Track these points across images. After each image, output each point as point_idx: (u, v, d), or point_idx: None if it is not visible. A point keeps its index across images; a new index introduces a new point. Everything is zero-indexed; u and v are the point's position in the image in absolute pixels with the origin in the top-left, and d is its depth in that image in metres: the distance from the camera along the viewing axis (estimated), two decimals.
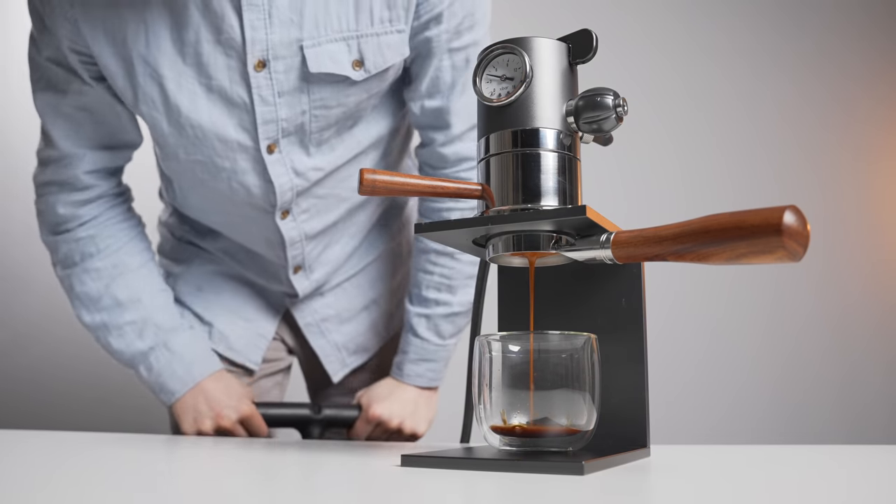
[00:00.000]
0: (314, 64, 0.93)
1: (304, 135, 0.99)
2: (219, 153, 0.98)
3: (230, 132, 0.96)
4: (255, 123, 0.96)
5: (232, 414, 1.05)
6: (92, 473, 0.52)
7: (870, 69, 2.67)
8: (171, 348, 1.06)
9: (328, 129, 1.00)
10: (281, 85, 0.94)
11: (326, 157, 1.03)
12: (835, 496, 0.45)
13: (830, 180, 2.60)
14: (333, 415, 1.11)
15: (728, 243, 0.51)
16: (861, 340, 2.55)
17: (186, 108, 0.94)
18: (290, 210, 1.05)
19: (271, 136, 0.97)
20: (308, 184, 1.04)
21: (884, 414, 2.53)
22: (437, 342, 1.12)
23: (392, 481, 0.49)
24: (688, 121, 2.46)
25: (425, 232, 0.63)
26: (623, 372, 0.66)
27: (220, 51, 0.92)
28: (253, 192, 1.02)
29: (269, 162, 0.99)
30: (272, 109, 0.95)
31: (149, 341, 1.06)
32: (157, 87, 0.93)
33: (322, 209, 1.08)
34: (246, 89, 0.94)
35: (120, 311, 1.06)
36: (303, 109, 0.96)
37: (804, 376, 2.47)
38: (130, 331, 1.06)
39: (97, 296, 1.06)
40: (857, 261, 2.58)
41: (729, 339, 2.41)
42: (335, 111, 0.98)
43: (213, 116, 0.95)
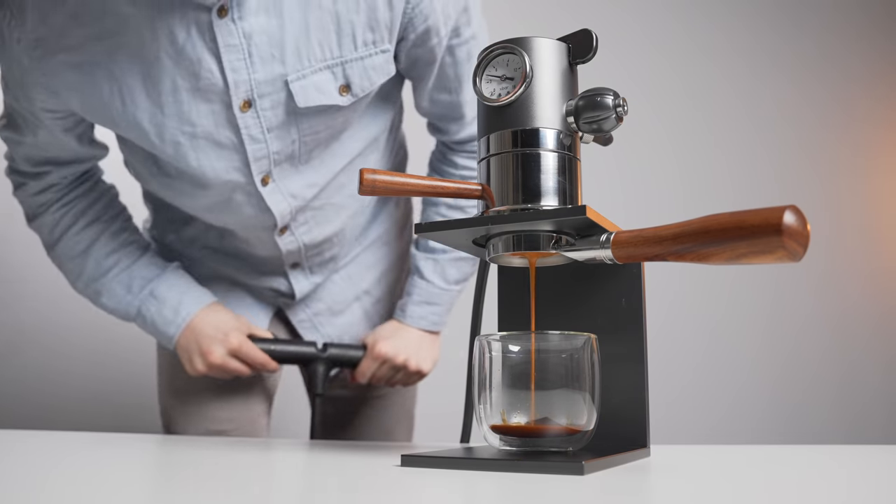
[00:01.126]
0: (301, 98, 0.91)
1: (293, 159, 0.99)
2: (212, 190, 0.98)
3: (221, 174, 0.95)
4: (247, 162, 0.95)
5: (219, 348, 1.04)
6: (91, 473, 0.52)
7: (869, 69, 2.67)
8: (157, 295, 1.06)
9: (316, 149, 1.00)
10: (269, 121, 0.92)
11: (318, 171, 1.02)
12: (835, 496, 0.45)
13: (830, 180, 2.60)
14: (338, 353, 1.11)
15: (728, 243, 0.51)
16: (860, 340, 2.55)
17: (173, 158, 0.93)
18: (289, 226, 1.06)
19: (264, 169, 0.97)
20: (304, 202, 1.04)
21: (883, 414, 2.53)
22: (442, 286, 1.13)
23: (392, 481, 0.49)
24: (687, 121, 2.46)
25: (425, 232, 0.63)
26: (623, 372, 0.66)
27: (201, 97, 0.89)
28: (250, 221, 1.03)
29: (266, 193, 0.99)
30: (263, 146, 0.94)
31: (137, 293, 1.06)
32: (143, 140, 0.92)
33: (321, 220, 1.08)
34: (233, 131, 0.92)
35: (105, 272, 1.06)
36: (293, 139, 0.96)
37: (804, 376, 2.47)
38: (118, 288, 1.06)
39: (81, 264, 1.07)
40: (856, 261, 2.59)
41: (729, 339, 2.41)
42: (323, 134, 0.98)
43: (201, 162, 0.94)
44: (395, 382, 1.16)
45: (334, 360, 1.11)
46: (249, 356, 1.06)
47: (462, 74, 1.03)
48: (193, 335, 1.05)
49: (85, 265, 1.07)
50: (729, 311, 2.42)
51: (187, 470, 0.57)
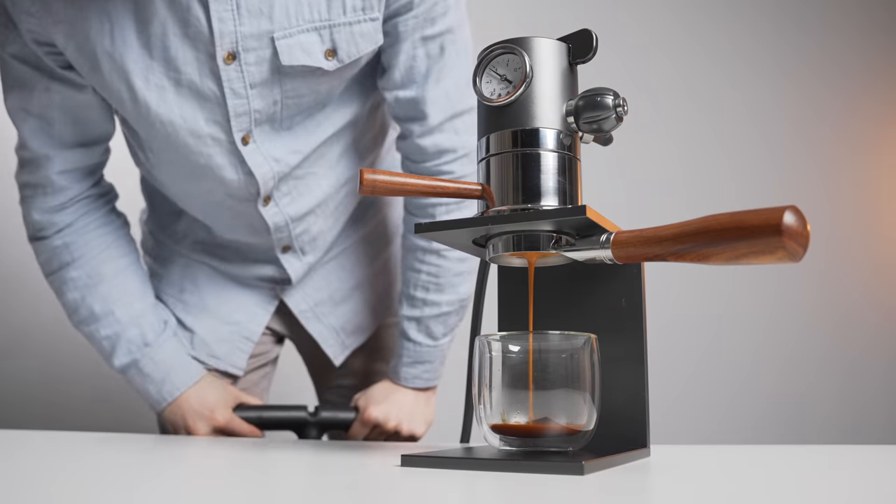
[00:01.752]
0: (286, 56, 0.91)
1: (274, 122, 0.97)
2: (192, 150, 0.96)
3: (201, 126, 0.94)
4: (227, 116, 0.94)
5: (204, 426, 1.05)
6: (91, 473, 0.52)
7: (869, 68, 2.67)
8: (142, 369, 1.05)
9: (298, 115, 0.99)
10: (252, 77, 0.92)
11: (300, 139, 1.01)
12: (835, 496, 0.45)
13: (831, 179, 2.60)
14: (330, 417, 1.10)
15: (728, 243, 0.51)
16: (861, 339, 2.55)
17: (155, 105, 0.92)
18: (272, 196, 1.04)
19: (244, 127, 0.95)
20: (288, 168, 1.02)
21: (884, 413, 2.53)
22: (429, 343, 1.10)
23: (392, 481, 0.49)
24: (687, 120, 2.46)
25: (425, 232, 0.63)
26: (623, 372, 0.66)
27: (189, 44, 0.89)
28: (232, 185, 1.00)
29: (246, 153, 0.97)
30: (244, 102, 0.93)
31: (122, 359, 1.05)
32: (125, 83, 0.91)
33: (303, 190, 1.06)
34: (216, 83, 0.92)
35: (96, 324, 1.05)
36: (275, 100, 0.95)
37: (804, 376, 2.47)
38: (107, 346, 1.06)
39: (75, 306, 1.06)
40: (857, 260, 2.59)
41: (729, 339, 2.41)
42: (307, 99, 0.97)
43: (183, 111, 0.93)
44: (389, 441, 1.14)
45: (326, 423, 1.10)
46: (235, 432, 1.06)
47: (429, 70, 0.98)
48: (180, 410, 1.06)
49: (79, 307, 1.05)
50: (729, 311, 2.42)
51: (187, 470, 0.57)
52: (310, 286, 1.18)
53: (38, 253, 1.07)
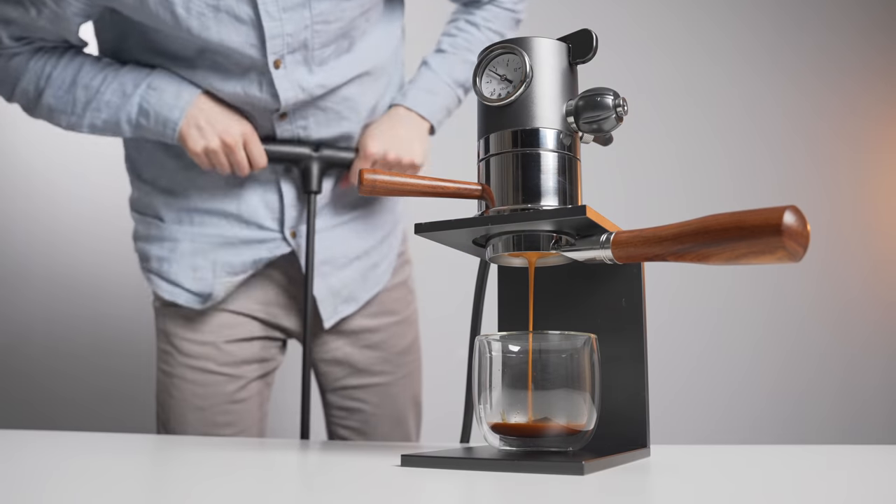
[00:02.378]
0: None
1: (306, 51, 1.06)
2: (230, 69, 1.05)
3: (240, 47, 1.03)
4: (262, 38, 1.03)
5: (236, 130, 1.08)
6: (91, 473, 0.52)
7: (868, 66, 2.67)
8: (155, 86, 1.07)
9: (327, 48, 1.08)
10: (285, 1, 1.01)
11: (329, 75, 1.10)
12: (834, 496, 0.45)
13: (830, 178, 2.60)
14: (331, 154, 1.15)
15: (728, 243, 0.51)
16: (860, 338, 2.55)
17: (197, 30, 1.00)
18: (289, 115, 1.12)
19: (277, 50, 1.04)
20: (311, 98, 1.10)
21: (883, 412, 2.53)
22: (445, 79, 1.20)
23: (392, 481, 0.49)
24: (688, 120, 2.46)
25: (425, 232, 0.63)
26: (623, 372, 0.66)
27: None
28: (259, 103, 1.08)
29: (276, 76, 1.06)
30: (278, 24, 1.02)
31: (132, 91, 1.07)
32: (169, 13, 0.99)
33: (321, 121, 1.14)
34: (252, 7, 1.01)
35: (96, 90, 1.08)
36: (305, 24, 1.04)
37: (804, 375, 2.47)
38: (113, 97, 1.08)
39: (71, 96, 1.08)
40: (856, 259, 2.59)
41: (728, 338, 2.41)
42: (333, 26, 1.06)
43: (221, 34, 1.01)
44: None
45: (327, 159, 1.14)
46: (256, 150, 1.10)
47: None
48: (203, 114, 1.08)
49: (75, 94, 1.08)
50: (728, 311, 2.42)
51: (187, 470, 0.57)
52: (319, 244, 1.20)
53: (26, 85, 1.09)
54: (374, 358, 1.26)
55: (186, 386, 1.17)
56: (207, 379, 1.17)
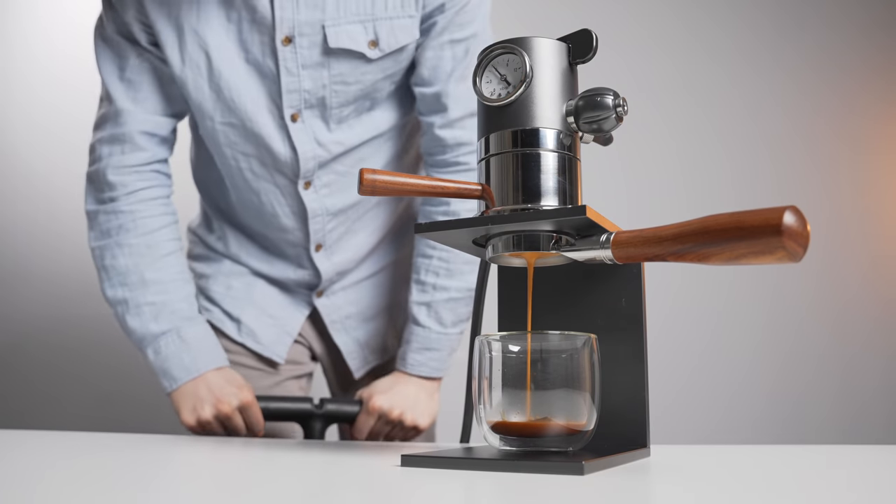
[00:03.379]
0: (333, 40, 1.05)
1: (324, 109, 1.09)
2: (250, 117, 1.08)
3: (261, 98, 1.08)
4: (280, 92, 1.07)
5: (233, 400, 1.06)
6: (92, 473, 0.52)
7: (868, 65, 2.67)
8: (183, 337, 1.09)
9: (347, 107, 1.10)
10: (304, 59, 1.05)
11: (346, 133, 1.12)
12: (835, 496, 0.45)
13: (830, 177, 2.60)
14: (335, 409, 1.11)
15: (728, 244, 0.51)
16: (860, 336, 2.55)
17: (227, 73, 1.06)
18: (312, 182, 1.13)
19: (294, 104, 1.08)
20: (329, 156, 1.12)
21: (883, 412, 2.53)
22: (438, 330, 1.14)
23: (392, 481, 0.49)
24: (688, 120, 2.46)
25: (425, 232, 0.63)
26: (623, 372, 0.66)
27: (255, 28, 1.05)
28: (279, 157, 1.10)
29: (293, 130, 1.09)
30: (296, 80, 1.06)
31: (163, 325, 1.08)
32: (203, 54, 1.06)
33: (343, 187, 1.15)
34: (274, 62, 1.06)
35: (143, 290, 1.09)
36: (323, 83, 1.07)
37: (804, 375, 2.47)
38: (148, 311, 1.09)
39: (124, 271, 1.09)
40: (855, 258, 2.58)
41: (728, 338, 2.41)
42: (353, 88, 1.09)
43: (247, 83, 1.07)
44: (393, 438, 1.16)
45: (331, 415, 1.11)
46: (253, 417, 1.08)
47: (453, 69, 1.10)
48: (204, 384, 1.07)
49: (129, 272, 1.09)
50: (728, 311, 2.42)
51: (188, 470, 0.57)
52: (343, 299, 1.23)
53: (99, 217, 1.11)
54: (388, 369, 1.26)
55: None
56: (244, 373, 1.18)
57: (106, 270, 1.10)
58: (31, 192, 1.89)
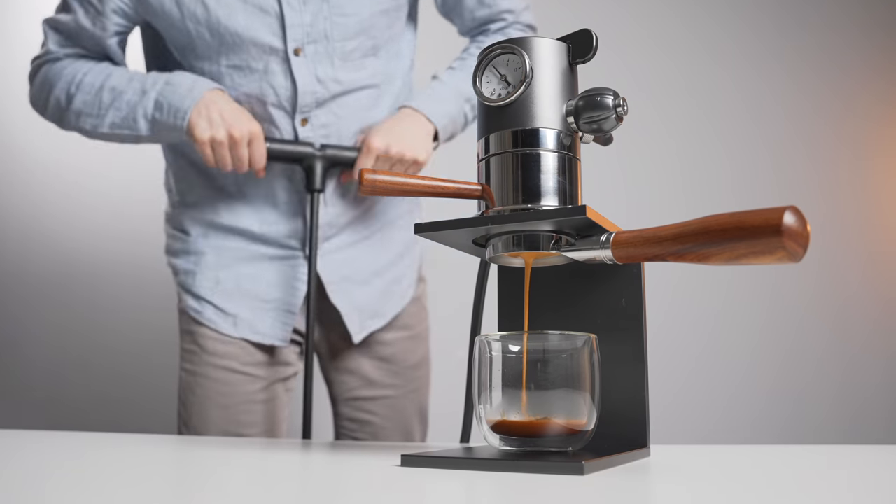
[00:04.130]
0: None
1: (328, 43, 1.13)
2: (254, 56, 1.11)
3: (263, 36, 1.10)
4: (283, 27, 1.10)
5: (244, 126, 1.09)
6: (92, 473, 0.52)
7: (869, 65, 2.67)
8: (172, 81, 1.12)
9: (349, 41, 1.14)
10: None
11: (349, 73, 1.16)
12: (835, 496, 0.45)
13: (830, 177, 2.60)
14: (335, 152, 1.15)
15: (728, 244, 0.51)
16: (859, 336, 2.55)
17: (226, 19, 1.09)
18: (309, 119, 1.15)
19: (298, 38, 1.11)
20: (328, 94, 1.15)
21: (883, 412, 2.53)
22: (453, 90, 1.21)
23: (392, 481, 0.49)
24: (688, 120, 2.46)
25: (425, 232, 0.63)
26: (623, 372, 0.66)
27: None
28: (279, 91, 1.13)
29: (295, 64, 1.12)
30: (298, 14, 1.10)
31: (150, 87, 1.12)
32: (201, 4, 1.09)
33: (340, 129, 1.17)
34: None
35: (120, 92, 1.13)
36: (324, 15, 1.11)
37: (804, 375, 2.47)
38: (134, 93, 1.12)
39: (96, 99, 1.13)
40: (855, 258, 2.58)
41: (728, 338, 2.41)
42: (352, 20, 1.13)
43: (248, 23, 1.10)
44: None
45: (331, 158, 1.15)
46: (258, 151, 1.11)
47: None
48: (216, 107, 1.10)
49: (101, 97, 1.13)
50: (728, 311, 2.42)
51: (187, 470, 0.57)
52: (340, 260, 1.22)
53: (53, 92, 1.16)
54: (385, 370, 1.27)
55: (210, 384, 1.18)
56: (230, 378, 1.18)
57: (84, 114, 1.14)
58: (30, 191, 1.89)
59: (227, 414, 1.17)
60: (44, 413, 1.82)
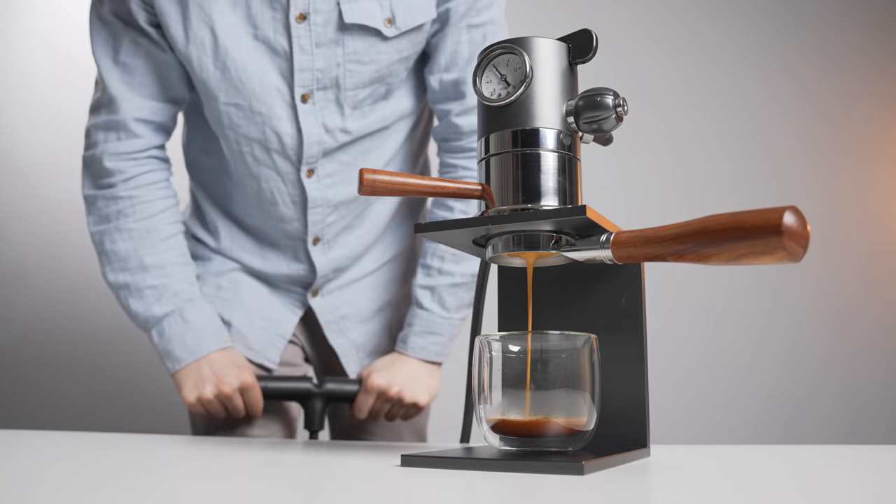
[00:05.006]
0: (349, 15, 1.02)
1: (339, 91, 1.07)
2: (257, 97, 1.06)
3: (270, 77, 1.05)
4: (292, 71, 1.04)
5: (234, 381, 1.06)
6: (92, 473, 0.52)
7: (869, 67, 2.67)
8: (186, 318, 1.08)
9: (362, 90, 1.08)
10: (318, 36, 1.03)
11: (358, 122, 1.10)
12: (835, 496, 0.45)
13: (829, 178, 2.60)
14: (335, 388, 1.11)
15: (728, 244, 0.51)
16: (860, 337, 2.55)
17: (233, 50, 1.03)
18: (316, 170, 1.11)
19: (306, 84, 1.05)
20: (335, 143, 1.09)
21: (883, 412, 2.53)
22: (442, 314, 1.14)
23: (392, 481, 0.49)
24: (688, 120, 2.46)
25: (425, 232, 0.63)
26: (623, 372, 0.66)
27: (268, 4, 1.02)
28: (284, 139, 1.08)
29: (302, 111, 1.06)
30: (309, 58, 1.04)
31: (166, 307, 1.08)
32: (209, 30, 1.03)
33: (346, 178, 1.13)
34: (287, 39, 1.03)
35: (143, 274, 1.08)
36: (337, 62, 1.05)
37: (804, 375, 2.47)
38: (150, 294, 1.08)
39: (125, 256, 1.09)
40: (855, 259, 2.58)
41: (728, 338, 2.41)
42: (368, 68, 1.06)
43: (256, 61, 1.04)
44: (394, 416, 1.16)
45: (330, 395, 1.10)
46: (253, 399, 1.08)
47: (472, 55, 1.09)
48: (207, 364, 1.07)
49: (129, 257, 1.09)
50: (728, 311, 2.42)
51: (187, 470, 0.57)
52: (340, 300, 1.20)
53: (97, 202, 1.10)
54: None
55: None
56: None
57: (106, 255, 1.10)
58: (31, 191, 1.89)
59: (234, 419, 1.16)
60: (44, 413, 1.82)
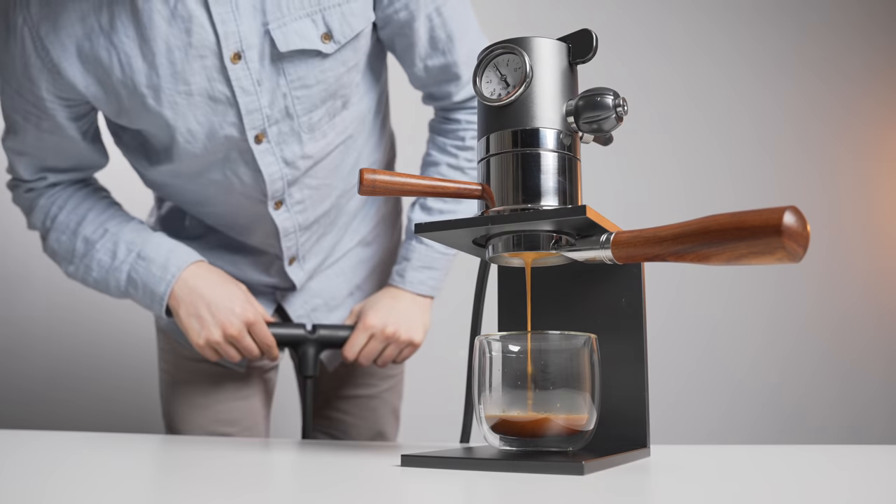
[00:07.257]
0: (283, 44, 0.93)
1: (291, 120, 0.99)
2: (210, 150, 0.99)
3: (217, 129, 0.97)
4: (240, 115, 0.96)
5: (236, 321, 1.02)
6: (91, 474, 0.52)
7: (869, 68, 2.67)
8: (144, 256, 1.04)
9: (316, 112, 1.00)
10: (257, 73, 0.95)
11: (318, 143, 1.03)
12: (835, 496, 0.45)
13: (830, 180, 2.60)
14: (328, 334, 1.10)
15: (728, 244, 0.51)
16: (860, 340, 2.55)
17: (172, 119, 0.95)
18: (284, 201, 1.06)
19: (257, 125, 0.98)
20: (299, 172, 1.04)
21: (883, 413, 2.53)
22: (440, 249, 1.13)
23: (392, 481, 0.49)
24: (688, 120, 2.46)
25: (425, 232, 0.63)
26: (623, 372, 0.66)
27: (194, 54, 0.92)
28: (245, 181, 1.03)
29: (258, 152, 1.00)
30: (254, 99, 0.96)
31: (123, 257, 1.04)
32: (141, 105, 0.95)
33: (317, 199, 1.09)
34: (226, 84, 0.94)
35: (92, 250, 1.05)
36: (283, 93, 0.97)
37: (804, 376, 2.47)
38: (105, 257, 1.04)
39: (70, 245, 1.06)
40: (856, 261, 2.59)
41: (729, 338, 2.41)
42: (316, 89, 0.98)
43: (199, 118, 0.96)
44: (387, 358, 1.12)
45: (324, 340, 1.10)
46: (262, 334, 1.04)
47: (453, 32, 1.04)
48: (203, 302, 1.02)
49: (75, 244, 1.05)
50: (729, 311, 2.42)
51: (186, 470, 0.57)
52: (308, 293, 1.19)
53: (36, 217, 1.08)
54: (358, 371, 1.25)
55: (186, 383, 1.17)
56: (210, 370, 1.17)
57: (59, 256, 1.07)
58: None
59: (208, 413, 1.16)
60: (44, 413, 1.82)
